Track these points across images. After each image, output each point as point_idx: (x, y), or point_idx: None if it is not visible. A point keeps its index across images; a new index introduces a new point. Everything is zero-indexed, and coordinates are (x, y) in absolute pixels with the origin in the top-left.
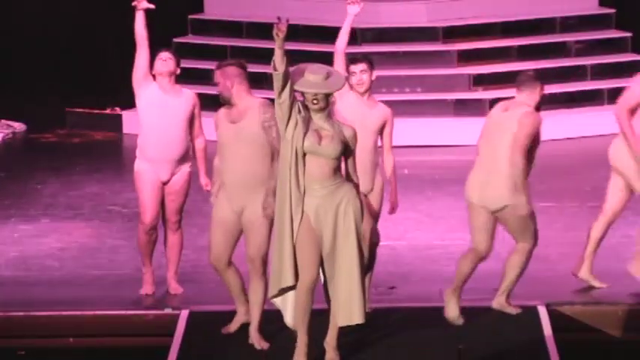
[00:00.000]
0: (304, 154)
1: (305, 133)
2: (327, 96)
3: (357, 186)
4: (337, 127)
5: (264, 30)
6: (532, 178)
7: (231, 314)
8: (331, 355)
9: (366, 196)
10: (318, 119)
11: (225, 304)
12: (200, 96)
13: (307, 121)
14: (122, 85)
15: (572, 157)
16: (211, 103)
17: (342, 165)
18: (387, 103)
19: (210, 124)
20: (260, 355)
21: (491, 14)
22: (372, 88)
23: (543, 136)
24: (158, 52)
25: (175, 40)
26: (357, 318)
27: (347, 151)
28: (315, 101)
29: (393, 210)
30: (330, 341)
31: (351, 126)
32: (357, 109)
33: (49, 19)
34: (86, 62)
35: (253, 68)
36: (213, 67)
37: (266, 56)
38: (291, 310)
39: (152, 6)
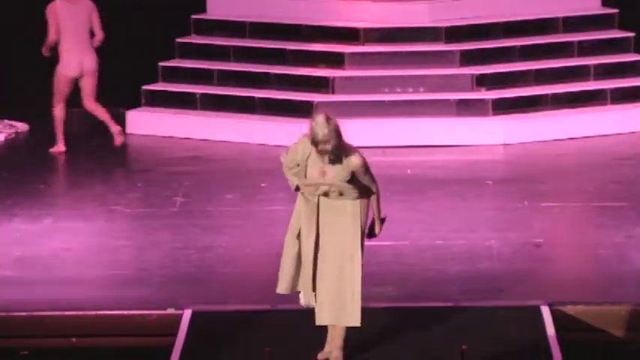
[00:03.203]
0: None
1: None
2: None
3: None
4: (344, 161)
5: (267, 30)
6: (533, 178)
7: (233, 314)
8: (336, 354)
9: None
10: (325, 159)
11: (228, 304)
12: (204, 96)
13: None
14: (125, 84)
15: (575, 157)
16: (212, 102)
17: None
18: (389, 103)
19: (221, 124)
20: (263, 354)
21: (494, 14)
22: (374, 87)
23: (545, 137)
24: None
25: (178, 40)
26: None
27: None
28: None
29: None
30: (337, 340)
31: (360, 155)
32: None
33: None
34: None
35: (256, 68)
36: (216, 68)
37: (268, 56)
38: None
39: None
